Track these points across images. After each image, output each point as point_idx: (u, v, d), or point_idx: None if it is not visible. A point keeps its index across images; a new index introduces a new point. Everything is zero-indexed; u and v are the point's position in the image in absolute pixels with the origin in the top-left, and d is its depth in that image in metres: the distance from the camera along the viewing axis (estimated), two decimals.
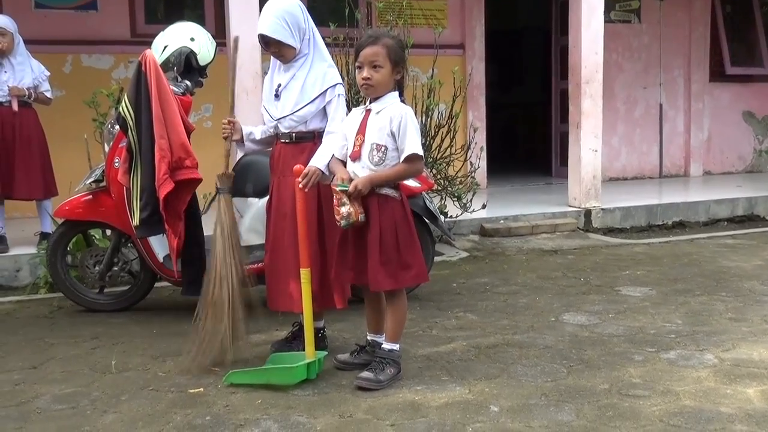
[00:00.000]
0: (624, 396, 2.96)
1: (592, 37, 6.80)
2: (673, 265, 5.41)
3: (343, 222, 3.03)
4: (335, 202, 3.05)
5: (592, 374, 3.20)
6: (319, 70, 3.33)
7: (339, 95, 3.32)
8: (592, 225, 6.84)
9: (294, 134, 3.35)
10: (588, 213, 6.85)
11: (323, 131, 3.33)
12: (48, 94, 5.51)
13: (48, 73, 5.53)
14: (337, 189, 3.02)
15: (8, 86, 5.27)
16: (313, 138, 3.34)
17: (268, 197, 3.53)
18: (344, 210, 3.01)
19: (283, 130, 3.36)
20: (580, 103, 6.83)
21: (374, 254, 3.06)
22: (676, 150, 9.90)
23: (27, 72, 5.37)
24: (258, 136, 3.49)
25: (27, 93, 5.34)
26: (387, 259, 3.06)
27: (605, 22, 6.91)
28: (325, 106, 3.32)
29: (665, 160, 9.83)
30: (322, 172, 3.18)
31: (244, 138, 3.48)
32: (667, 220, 7.16)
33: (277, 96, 3.35)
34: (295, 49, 3.30)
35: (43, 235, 5.36)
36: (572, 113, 6.98)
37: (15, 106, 5.28)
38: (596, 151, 6.90)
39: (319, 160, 3.20)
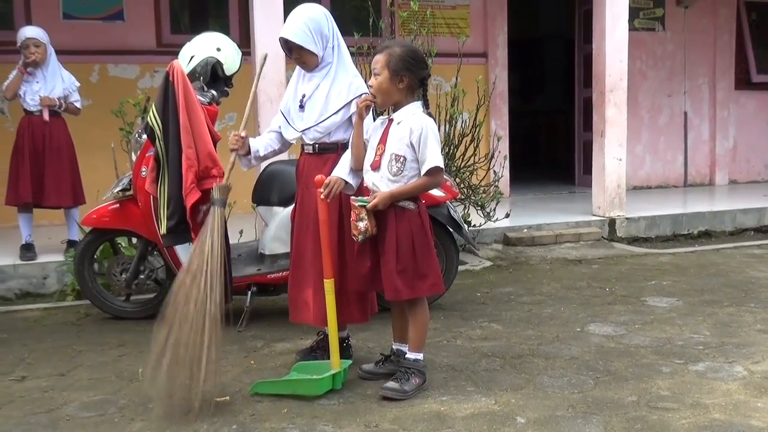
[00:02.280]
0: (652, 408, 2.93)
1: (617, 45, 6.76)
2: (699, 276, 5.35)
3: (360, 237, 3.05)
4: (353, 216, 3.05)
5: (620, 386, 3.17)
6: (343, 80, 3.32)
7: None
8: (617, 234, 6.79)
9: (317, 145, 3.35)
10: (612, 222, 6.81)
11: (347, 142, 3.33)
12: (77, 105, 5.58)
13: (78, 84, 5.60)
14: (357, 204, 3.02)
15: (40, 96, 5.35)
16: (337, 149, 3.34)
17: (292, 206, 3.54)
18: (362, 225, 3.02)
19: (307, 141, 3.37)
20: (604, 112, 6.79)
21: (390, 263, 3.06)
22: (701, 158, 9.81)
23: (58, 82, 5.45)
24: (262, 153, 3.47)
25: (58, 103, 5.41)
26: (403, 269, 3.06)
27: (629, 30, 6.88)
28: (350, 117, 3.31)
29: (690, 169, 9.74)
30: (345, 183, 3.18)
31: (252, 155, 3.44)
32: (692, 230, 7.09)
33: (301, 107, 3.34)
34: (317, 56, 3.29)
35: (70, 243, 5.42)
36: (596, 122, 6.94)
37: (46, 116, 5.36)
38: (621, 159, 6.86)
39: (341, 170, 3.20)
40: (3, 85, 5.44)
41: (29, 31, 5.43)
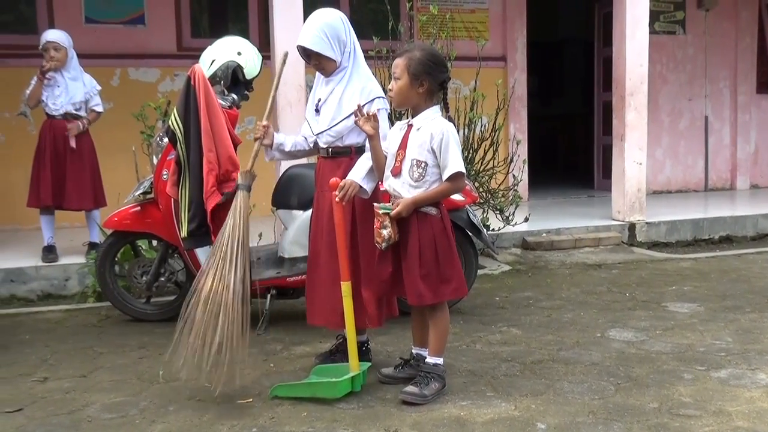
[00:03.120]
0: (674, 416, 2.90)
1: (637, 49, 6.72)
2: (721, 281, 5.30)
3: (384, 245, 3.05)
4: (377, 224, 3.05)
5: (641, 392, 3.14)
6: (356, 85, 3.31)
7: (379, 110, 3.24)
8: (637, 239, 6.74)
9: (331, 149, 3.36)
10: (632, 227, 6.76)
11: (361, 146, 3.34)
12: (98, 108, 5.61)
13: (99, 88, 5.64)
14: (380, 212, 3.02)
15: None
16: (350, 153, 3.35)
17: (311, 210, 3.55)
18: (385, 233, 3.03)
19: (321, 145, 3.38)
20: (624, 116, 6.75)
21: (413, 268, 3.06)
22: (722, 163, 9.72)
23: (79, 87, 5.49)
24: (287, 148, 3.46)
25: (82, 126, 5.45)
26: (426, 273, 3.06)
27: (649, 33, 6.83)
28: None
29: (711, 173, 9.66)
30: (360, 186, 3.18)
31: (274, 146, 3.44)
32: (713, 235, 7.03)
33: (317, 111, 3.36)
34: (335, 62, 3.30)
35: (92, 245, 5.46)
36: (616, 125, 6.90)
37: (73, 143, 5.40)
38: (641, 163, 6.81)
39: (356, 174, 3.20)
40: (24, 93, 5.47)
41: (51, 35, 5.47)
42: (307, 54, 3.33)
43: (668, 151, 9.44)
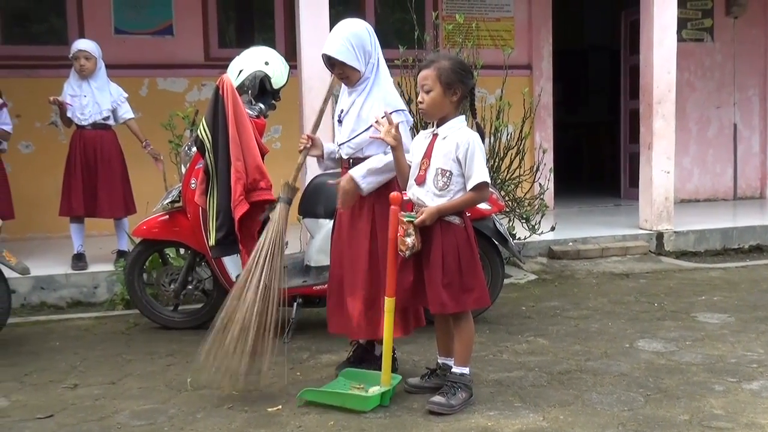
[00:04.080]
0: (705, 428, 2.86)
1: (665, 57, 6.67)
2: (751, 291, 5.22)
3: (407, 253, 3.05)
4: (401, 232, 3.05)
5: (671, 404, 3.10)
6: (377, 97, 3.31)
7: (400, 123, 3.20)
8: (665, 248, 6.67)
9: (351, 160, 3.36)
10: (660, 236, 6.69)
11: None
12: (127, 116, 5.67)
13: (126, 95, 5.69)
14: (405, 220, 3.02)
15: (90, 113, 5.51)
16: None
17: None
18: (409, 241, 3.03)
19: (343, 155, 3.39)
20: (652, 124, 6.70)
21: (436, 277, 3.06)
22: (752, 171, 9.59)
23: (106, 96, 5.55)
24: (338, 155, 3.49)
25: (158, 157, 5.62)
26: (449, 282, 3.06)
27: (677, 41, 6.77)
28: None
29: (740, 182, 9.53)
30: (354, 181, 3.24)
31: (325, 155, 3.48)
32: (743, 244, 6.93)
33: (339, 121, 3.38)
34: (359, 72, 3.30)
35: (120, 253, 5.52)
36: (643, 134, 6.84)
37: (161, 167, 5.60)
38: (669, 172, 6.75)
39: (355, 170, 3.26)
40: (56, 120, 5.76)
41: (82, 44, 5.56)
42: (331, 63, 3.33)
43: (696, 159, 9.33)
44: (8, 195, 5.76)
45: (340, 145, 3.37)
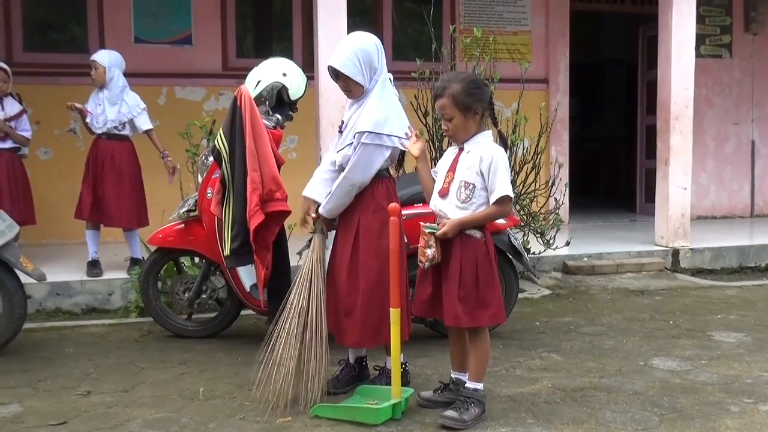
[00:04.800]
0: None
1: (683, 72, 6.64)
2: None
3: (427, 264, 3.05)
4: (422, 243, 3.06)
5: (686, 424, 3.07)
6: (368, 112, 3.28)
7: (364, 143, 3.22)
8: (680, 265, 6.62)
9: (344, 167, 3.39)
10: (676, 252, 6.64)
11: (382, 169, 3.38)
12: (145, 126, 5.69)
13: (143, 106, 5.69)
14: (427, 231, 3.02)
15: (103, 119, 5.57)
16: None
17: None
18: (430, 252, 3.03)
19: (339, 161, 3.41)
20: (669, 140, 6.67)
21: (452, 289, 3.05)
22: None
23: (115, 108, 5.57)
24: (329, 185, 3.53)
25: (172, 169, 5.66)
26: (465, 296, 3.05)
27: (695, 56, 6.75)
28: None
29: (757, 199, 9.46)
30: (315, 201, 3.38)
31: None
32: (760, 262, 6.86)
33: (340, 132, 3.42)
34: (362, 87, 3.30)
35: (134, 261, 5.55)
36: (660, 149, 6.81)
37: (171, 180, 5.62)
38: (685, 188, 6.71)
39: (315, 192, 3.41)
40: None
41: (95, 54, 5.70)
42: (335, 74, 3.34)
43: (713, 175, 9.28)
44: (30, 201, 5.83)
45: (337, 152, 3.40)
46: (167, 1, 7.35)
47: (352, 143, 3.29)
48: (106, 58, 5.63)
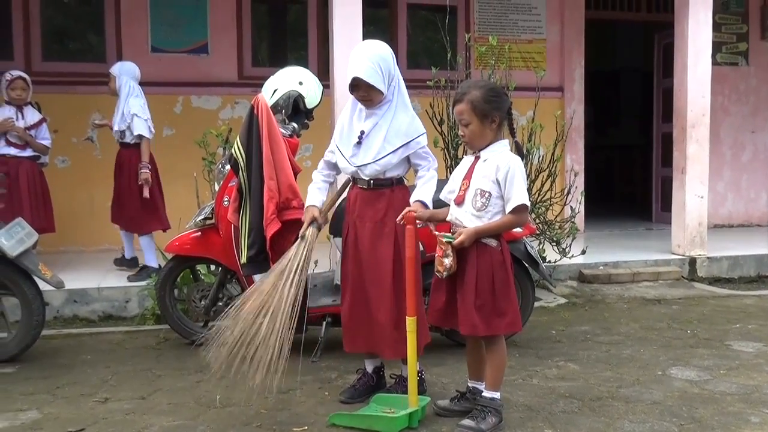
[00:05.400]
0: None
1: (699, 80, 6.61)
2: None
3: (444, 273, 3.05)
4: (439, 252, 3.05)
5: None
6: (403, 120, 3.33)
7: (426, 144, 3.34)
8: (697, 274, 6.58)
9: (373, 181, 3.36)
10: (693, 261, 6.60)
11: (400, 178, 3.38)
12: (136, 132, 5.70)
13: (134, 113, 5.68)
14: (444, 240, 3.02)
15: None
16: (391, 185, 3.37)
17: (342, 238, 3.55)
18: (447, 262, 3.03)
19: (362, 176, 3.37)
20: (686, 148, 6.63)
21: (469, 298, 3.05)
22: None
23: (117, 117, 5.78)
24: (325, 198, 3.55)
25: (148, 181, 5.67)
26: (482, 304, 3.04)
27: (711, 64, 6.71)
28: (408, 156, 3.33)
29: None
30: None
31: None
32: None
33: (359, 143, 3.34)
34: (382, 94, 3.30)
35: (142, 268, 5.67)
36: (677, 158, 6.78)
37: (146, 193, 5.65)
38: (702, 197, 6.67)
39: (423, 196, 3.29)
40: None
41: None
42: (353, 84, 3.30)
43: (730, 184, 9.21)
44: (50, 209, 5.91)
45: (361, 165, 3.34)
46: (184, 10, 7.40)
47: (396, 150, 3.28)
48: (117, 67, 5.82)
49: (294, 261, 3.31)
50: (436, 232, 3.10)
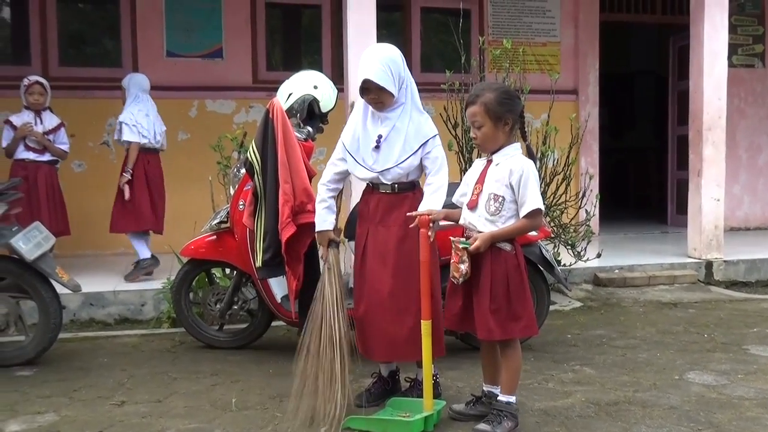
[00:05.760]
0: None
1: (715, 83, 6.57)
2: None
3: (461, 279, 3.04)
4: (455, 258, 3.04)
5: None
6: (418, 121, 3.33)
7: (439, 145, 3.34)
8: (714, 277, 6.53)
9: (397, 185, 3.35)
10: (709, 265, 6.55)
11: (419, 181, 3.38)
12: (122, 138, 5.83)
13: (120, 120, 5.82)
14: (460, 246, 3.02)
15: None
16: (413, 188, 3.37)
17: (356, 243, 3.53)
18: (463, 268, 3.02)
19: (384, 181, 3.36)
20: (701, 151, 6.59)
21: (484, 302, 3.04)
22: None
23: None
24: (335, 217, 3.55)
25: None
26: (497, 308, 3.04)
27: (727, 66, 6.67)
28: (422, 158, 3.32)
29: None
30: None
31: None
32: None
33: (377, 147, 3.33)
34: (393, 96, 3.30)
35: (136, 263, 5.81)
36: (692, 161, 6.74)
37: (127, 195, 5.78)
38: (718, 200, 6.62)
39: (434, 205, 3.25)
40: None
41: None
42: (364, 87, 3.30)
43: (746, 187, 9.15)
44: (65, 212, 5.96)
45: (382, 170, 3.33)
46: (199, 15, 7.45)
47: (415, 152, 3.28)
48: (126, 80, 5.98)
49: (331, 291, 3.38)
50: (452, 238, 3.09)
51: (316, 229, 3.51)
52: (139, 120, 5.78)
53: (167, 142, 6.07)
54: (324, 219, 3.49)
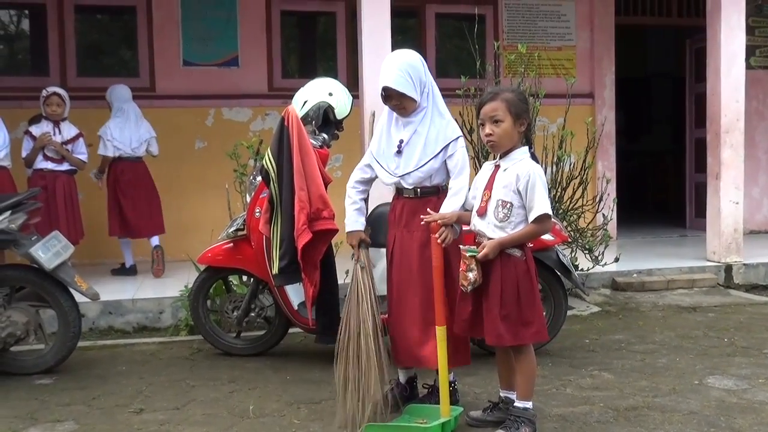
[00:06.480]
0: None
1: (733, 85, 6.52)
2: None
3: (469, 288, 3.03)
4: (463, 266, 3.04)
5: None
6: (440, 125, 3.34)
7: (461, 147, 3.33)
8: (733, 281, 6.46)
9: (419, 189, 3.36)
10: (729, 268, 6.49)
11: (445, 185, 3.36)
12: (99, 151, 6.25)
13: (99, 133, 6.20)
14: (467, 254, 3.01)
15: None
16: (438, 192, 3.37)
17: (386, 250, 3.55)
18: (472, 276, 3.01)
19: (406, 185, 3.37)
20: (720, 153, 6.54)
21: (494, 308, 3.03)
22: None
23: None
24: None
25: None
26: (507, 314, 3.03)
27: (745, 68, 6.62)
28: (446, 160, 3.33)
29: None
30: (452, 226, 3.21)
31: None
32: None
33: (399, 152, 3.35)
34: (415, 102, 3.31)
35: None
36: (711, 163, 6.68)
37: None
38: (737, 203, 6.56)
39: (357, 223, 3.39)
40: None
41: None
42: (386, 94, 3.33)
43: (766, 189, 9.05)
44: (80, 220, 6.05)
45: (403, 174, 3.35)
46: (215, 24, 7.50)
47: (436, 156, 3.29)
48: (107, 93, 6.40)
49: (363, 288, 3.39)
50: (460, 246, 3.09)
51: (347, 230, 3.52)
52: (114, 134, 6.16)
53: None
54: (355, 219, 3.51)
